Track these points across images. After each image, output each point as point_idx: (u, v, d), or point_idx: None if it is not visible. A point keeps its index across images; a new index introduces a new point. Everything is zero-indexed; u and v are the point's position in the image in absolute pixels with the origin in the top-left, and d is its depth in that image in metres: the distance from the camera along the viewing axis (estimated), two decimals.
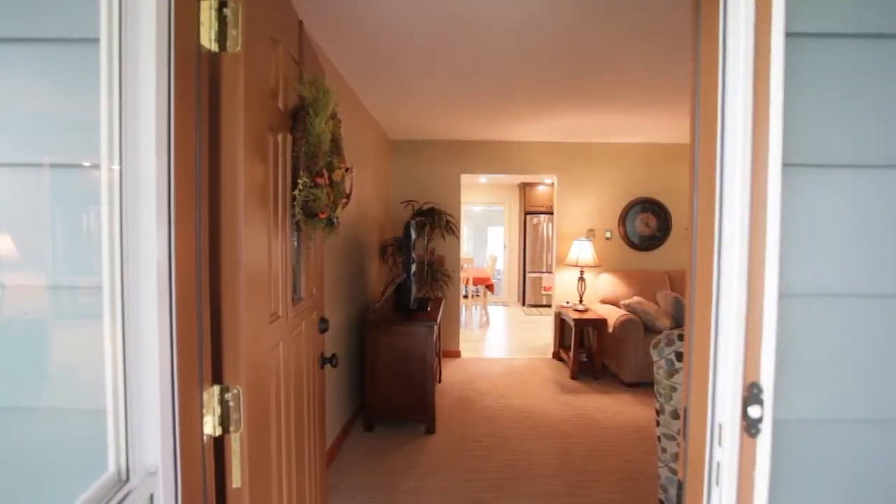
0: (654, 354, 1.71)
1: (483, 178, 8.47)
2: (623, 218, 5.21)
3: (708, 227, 0.86)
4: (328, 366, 1.83)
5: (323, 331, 1.85)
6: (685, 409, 0.89)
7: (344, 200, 1.63)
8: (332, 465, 2.87)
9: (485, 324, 7.29)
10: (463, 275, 6.83)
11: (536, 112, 3.96)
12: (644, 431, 3.39)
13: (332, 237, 1.67)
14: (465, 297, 7.13)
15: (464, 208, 9.87)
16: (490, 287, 7.13)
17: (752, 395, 0.75)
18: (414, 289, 3.56)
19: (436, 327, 3.41)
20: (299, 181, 1.31)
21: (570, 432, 3.39)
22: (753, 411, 0.75)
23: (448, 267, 5.21)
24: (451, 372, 4.76)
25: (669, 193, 5.22)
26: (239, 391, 0.98)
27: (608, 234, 5.26)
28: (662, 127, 4.42)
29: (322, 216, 1.45)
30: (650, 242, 5.21)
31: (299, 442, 1.49)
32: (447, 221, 4.79)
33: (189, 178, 0.86)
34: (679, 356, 1.64)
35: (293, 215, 1.40)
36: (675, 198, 5.22)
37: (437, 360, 4.03)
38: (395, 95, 3.64)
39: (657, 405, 1.75)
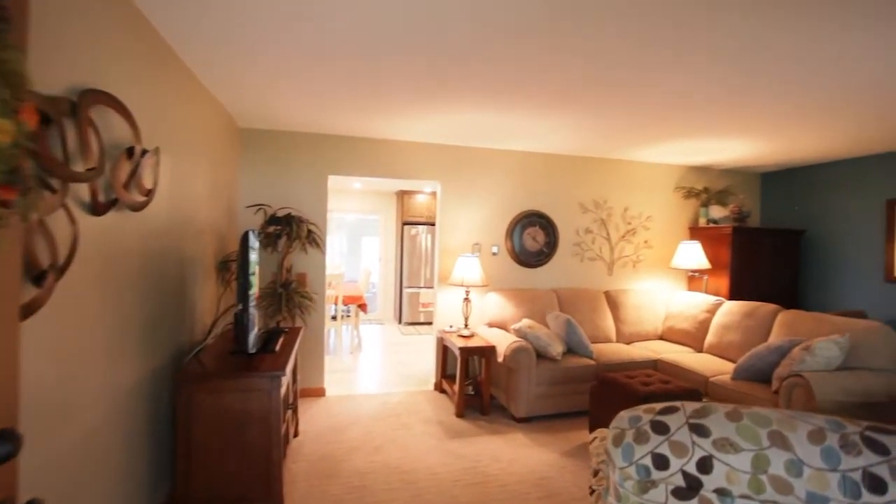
0: (617, 456, 1.09)
1: (357, 184, 7.60)
2: (510, 232, 4.80)
3: None
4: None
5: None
6: None
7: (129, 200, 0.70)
8: None
9: (356, 348, 6.40)
10: (331, 293, 5.89)
11: (418, 105, 3.29)
12: (547, 485, 2.86)
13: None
14: (334, 318, 6.18)
15: (335, 216, 8.87)
16: (363, 307, 6.27)
17: None
18: (255, 324, 2.61)
19: (284, 378, 2.49)
20: None
21: (461, 498, 2.72)
22: None
23: (311, 287, 4.26)
24: (311, 418, 3.82)
25: (555, 207, 4.94)
26: None
27: (495, 250, 4.79)
28: (554, 134, 4.06)
29: None
30: (538, 259, 4.87)
31: None
32: (309, 232, 3.86)
33: None
34: (659, 461, 1.03)
35: None
36: (561, 211, 4.96)
37: (290, 415, 3.09)
38: (242, 71, 2.68)
39: None
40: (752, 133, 3.82)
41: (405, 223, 8.09)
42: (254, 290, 2.61)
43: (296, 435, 3.48)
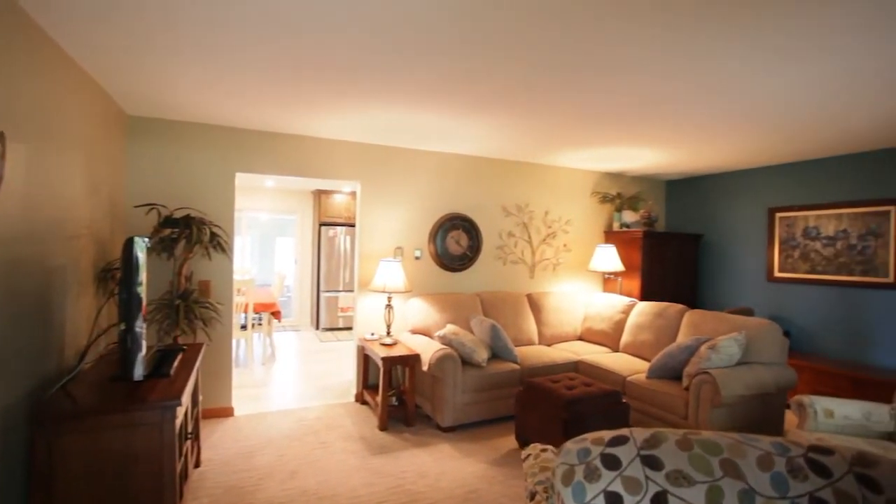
0: (567, 497, 0.98)
1: (270, 182, 7.08)
2: (434, 235, 4.67)
3: None
4: None
5: None
6: None
7: None
8: None
9: (269, 359, 5.93)
10: (241, 300, 5.40)
11: (336, 100, 3.05)
12: (476, 499, 2.76)
13: None
14: (244, 327, 5.67)
15: (245, 215, 8.21)
16: (276, 314, 5.82)
17: None
18: (144, 345, 2.22)
19: (181, 408, 2.15)
20: None
21: None
22: None
23: (216, 295, 3.83)
24: (217, 443, 3.41)
25: (479, 210, 4.91)
26: None
27: (418, 254, 4.64)
28: (478, 136, 4.00)
29: None
30: (461, 262, 4.80)
31: None
32: (213, 235, 3.44)
33: None
34: (613, 500, 0.94)
35: None
36: (485, 214, 4.93)
37: (189, 445, 2.70)
38: (127, 46, 2.26)
39: None
40: (660, 143, 4.04)
41: (323, 224, 7.69)
42: (138, 307, 2.22)
43: (197, 465, 3.07)
